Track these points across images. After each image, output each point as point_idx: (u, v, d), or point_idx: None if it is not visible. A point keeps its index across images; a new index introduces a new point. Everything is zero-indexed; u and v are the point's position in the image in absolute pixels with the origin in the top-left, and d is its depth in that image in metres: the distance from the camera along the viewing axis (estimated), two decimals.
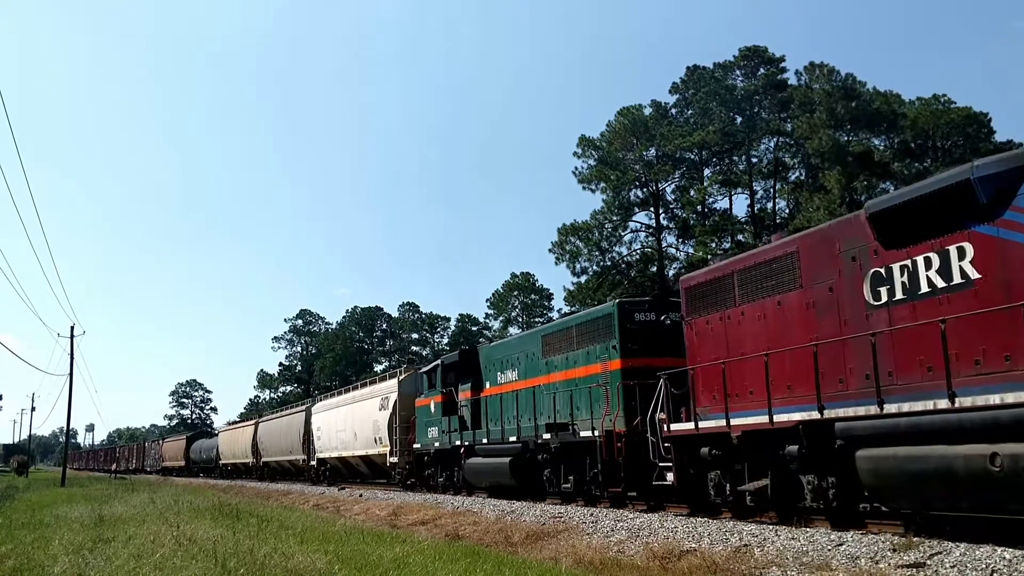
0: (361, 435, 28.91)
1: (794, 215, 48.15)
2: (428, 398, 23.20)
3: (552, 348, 17.49)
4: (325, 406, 35.10)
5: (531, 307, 77.59)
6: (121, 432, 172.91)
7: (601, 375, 15.34)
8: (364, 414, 28.85)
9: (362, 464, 30.11)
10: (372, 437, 27.84)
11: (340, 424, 31.52)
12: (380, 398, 27.66)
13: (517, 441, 17.89)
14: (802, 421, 10.13)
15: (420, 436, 23.74)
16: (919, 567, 7.17)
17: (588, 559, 9.36)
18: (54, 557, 10.21)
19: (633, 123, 54.11)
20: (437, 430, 22.34)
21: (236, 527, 13.28)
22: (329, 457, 33.03)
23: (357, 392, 31.96)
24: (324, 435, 33.51)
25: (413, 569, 8.85)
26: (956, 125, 46.10)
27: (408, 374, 26.63)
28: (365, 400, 29.49)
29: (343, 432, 31.01)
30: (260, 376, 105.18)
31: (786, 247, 11.26)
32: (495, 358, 20.38)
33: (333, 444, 32.39)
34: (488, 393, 20.16)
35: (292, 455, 38.60)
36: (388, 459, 26.29)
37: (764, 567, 8.05)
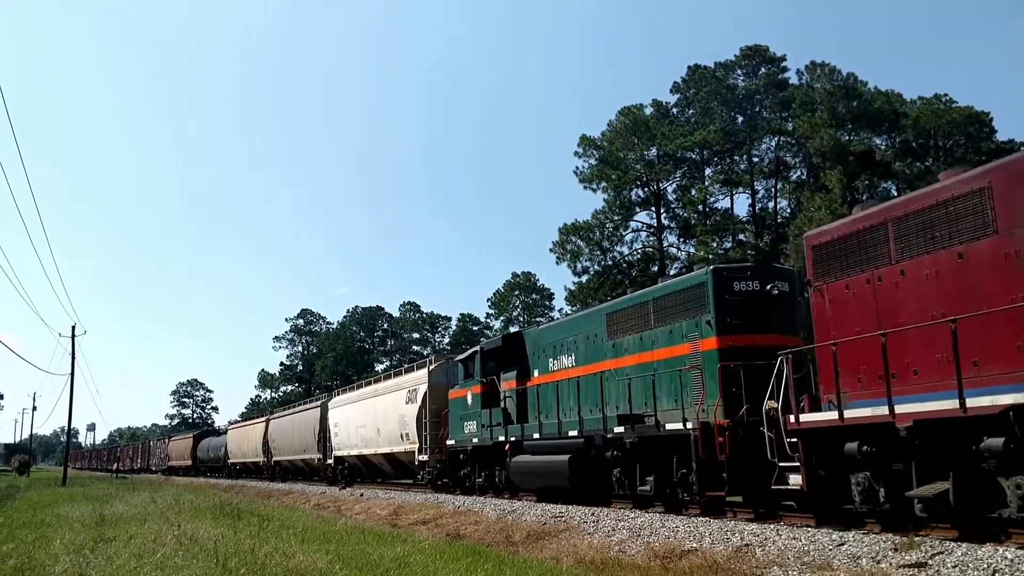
0: (385, 431, 26.62)
1: (795, 215, 48.12)
2: (464, 389, 20.86)
3: (621, 327, 15.11)
4: (343, 400, 32.76)
5: (532, 307, 77.61)
6: (122, 432, 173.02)
7: (690, 357, 13.05)
8: (388, 408, 26.57)
9: (385, 463, 27.97)
10: (398, 433, 25.48)
11: (361, 419, 29.28)
12: (407, 390, 25.13)
13: (579, 436, 15.45)
14: (1013, 405, 7.80)
15: (454, 431, 21.37)
16: (921, 567, 7.16)
17: (589, 558, 9.35)
18: (55, 556, 10.21)
19: (634, 122, 54.09)
20: (475, 424, 19.98)
21: (237, 526, 13.28)
22: (348, 455, 30.77)
23: (380, 384, 29.61)
24: (342, 432, 31.22)
25: (414, 569, 8.85)
26: (957, 124, 46.08)
27: (439, 363, 24.17)
28: (390, 393, 27.02)
29: (364, 428, 28.76)
30: (261, 376, 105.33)
31: (970, 183, 8.87)
32: (545, 343, 18.03)
33: (352, 441, 30.07)
34: (537, 382, 17.82)
35: (306, 453, 36.37)
36: (416, 457, 23.94)
37: (765, 567, 8.04)
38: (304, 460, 37.21)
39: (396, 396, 26.09)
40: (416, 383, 24.74)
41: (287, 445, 39.51)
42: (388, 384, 28.30)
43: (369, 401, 28.98)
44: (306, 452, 36.32)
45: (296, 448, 37.99)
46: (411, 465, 25.33)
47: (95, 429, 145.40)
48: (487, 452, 19.61)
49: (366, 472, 30.86)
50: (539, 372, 18.03)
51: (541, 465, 16.67)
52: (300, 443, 37.24)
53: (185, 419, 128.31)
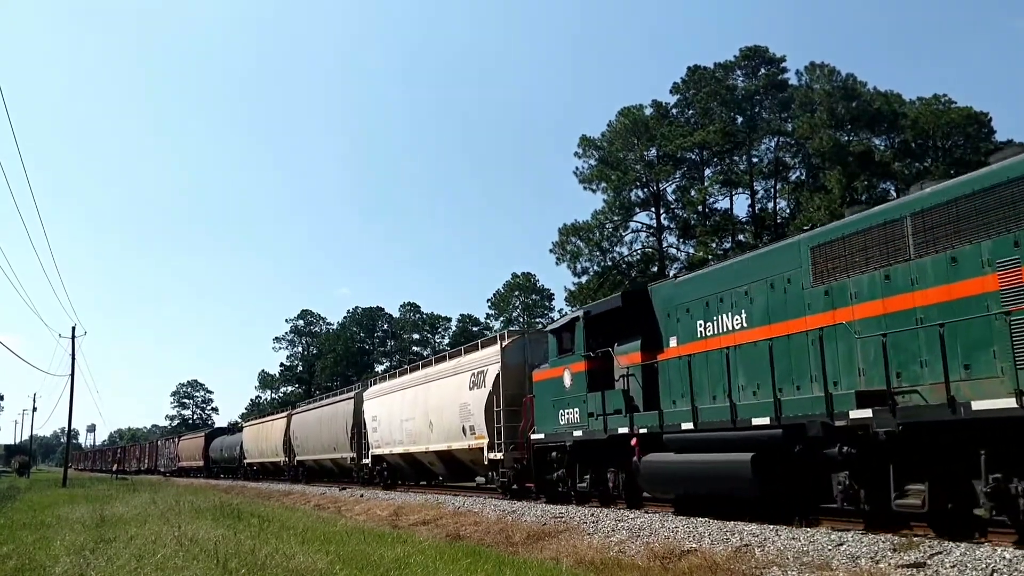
0: (441, 424, 21.98)
1: (795, 215, 48.19)
2: (558, 368, 16.21)
3: (842, 264, 10.51)
4: (384, 389, 27.80)
5: (532, 307, 77.68)
6: (123, 432, 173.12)
7: (1000, 295, 8.42)
8: (446, 396, 21.89)
9: (438, 463, 23.21)
10: (458, 426, 20.85)
11: (407, 411, 24.59)
12: (471, 373, 20.46)
13: (773, 424, 10.85)
14: None
15: (542, 422, 16.79)
16: (919, 567, 7.18)
17: (589, 559, 9.37)
18: (55, 557, 10.23)
19: (634, 123, 54.18)
20: (576, 413, 15.41)
21: (237, 527, 13.31)
22: (390, 454, 26.20)
23: (433, 368, 24.46)
24: (382, 426, 26.59)
25: (414, 569, 8.86)
26: (957, 125, 46.18)
27: (514, 339, 19.70)
28: (447, 377, 22.39)
29: (411, 421, 24.07)
30: (261, 376, 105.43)
31: None
32: (687, 299, 13.24)
33: (395, 437, 25.41)
34: (677, 353, 13.12)
35: (337, 452, 31.78)
36: (485, 455, 19.40)
37: (765, 567, 8.05)
38: (334, 460, 32.77)
39: (456, 381, 21.47)
40: (484, 363, 19.94)
41: (313, 443, 35.03)
42: (445, 367, 23.23)
43: (418, 389, 24.24)
44: (336, 451, 31.87)
45: (324, 446, 33.47)
46: (475, 465, 20.97)
47: (95, 430, 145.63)
48: (596, 449, 14.93)
49: (412, 473, 26.36)
50: (679, 339, 13.27)
51: (700, 466, 12.10)
52: (329, 440, 32.70)
53: (185, 420, 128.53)
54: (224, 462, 52.50)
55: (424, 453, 23.46)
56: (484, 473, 20.36)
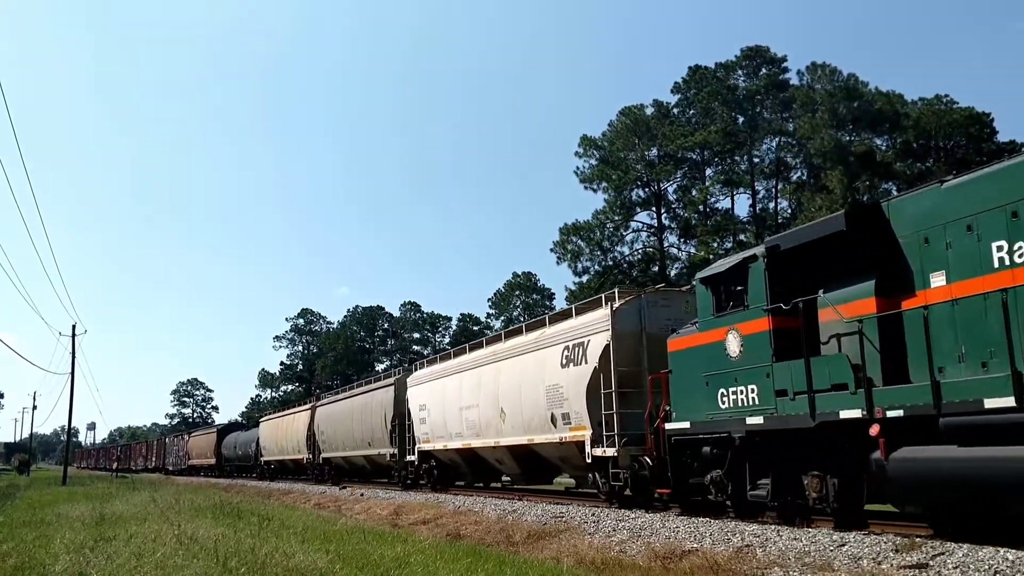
0: (518, 412, 17.78)
1: (796, 215, 48.15)
2: (717, 330, 11.77)
3: None
4: (434, 373, 23.58)
5: (532, 307, 77.67)
6: (123, 431, 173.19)
7: None
8: (524, 377, 17.67)
9: (510, 460, 19.05)
10: (544, 415, 16.56)
11: (468, 396, 20.52)
12: (563, 347, 16.09)
13: None
14: None
15: (686, 406, 12.44)
16: (922, 568, 7.16)
17: (590, 559, 9.35)
18: (55, 556, 10.21)
19: (635, 123, 54.20)
20: (751, 391, 11.04)
21: (237, 526, 13.29)
22: (442, 450, 22.20)
23: (505, 344, 19.49)
24: (433, 416, 22.59)
25: (414, 568, 8.84)
26: (958, 125, 46.14)
27: (628, 299, 14.94)
28: (526, 353, 17.92)
29: (474, 409, 20.06)
30: (261, 375, 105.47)
31: None
32: (970, 211, 8.67)
33: (451, 429, 21.31)
34: (949, 294, 8.84)
35: (372, 448, 27.59)
36: (587, 451, 14.95)
37: (766, 567, 8.03)
38: (368, 457, 28.62)
39: (541, 358, 17.06)
40: (586, 332, 15.50)
41: (343, 438, 30.92)
42: (522, 341, 18.57)
43: (484, 370, 19.88)
44: (372, 446, 27.77)
45: (356, 441, 29.35)
46: (565, 464, 17.18)
47: (95, 428, 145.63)
48: (785, 443, 10.57)
49: (470, 473, 22.38)
50: (951, 274, 8.89)
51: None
52: (362, 434, 28.55)
53: (185, 419, 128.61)
54: (238, 460, 49.27)
55: (491, 448, 19.19)
56: (580, 474, 16.38)
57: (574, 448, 15.68)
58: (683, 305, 14.46)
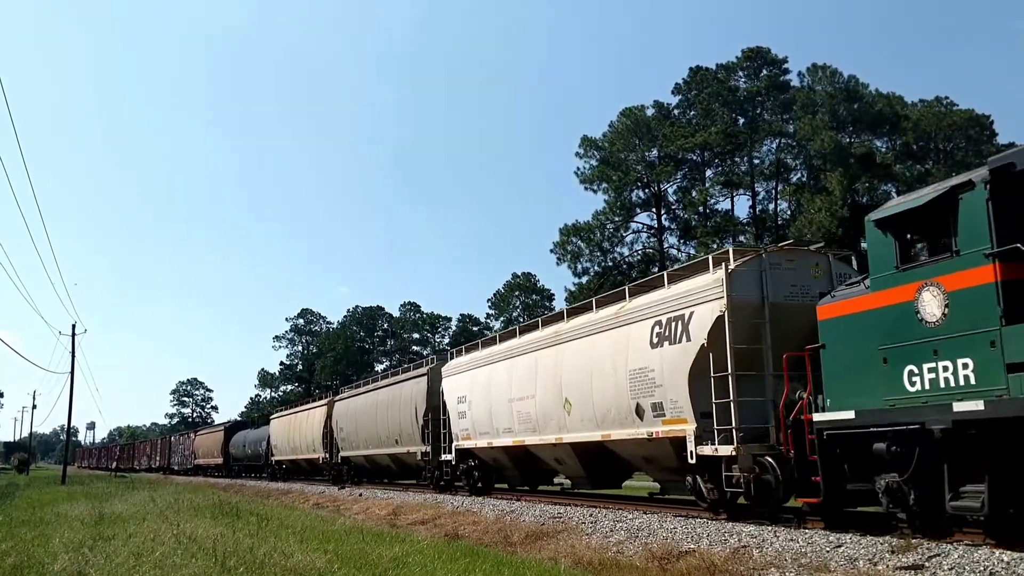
0: (589, 402, 14.80)
1: (796, 217, 48.19)
2: (902, 287, 8.96)
3: None
4: (476, 360, 20.33)
5: (532, 307, 77.68)
6: (122, 430, 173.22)
7: None
8: (598, 359, 14.62)
9: (572, 459, 16.16)
10: (627, 404, 13.57)
11: (520, 386, 17.46)
12: (654, 321, 13.11)
13: None
14: None
15: (847, 390, 9.65)
16: (917, 569, 7.18)
17: (587, 559, 9.37)
18: (54, 555, 10.22)
19: (635, 124, 54.23)
20: (960, 368, 8.28)
21: (236, 526, 13.30)
22: (486, 448, 19.14)
23: (570, 322, 16.47)
24: (475, 410, 19.66)
25: (412, 568, 8.86)
26: (958, 127, 46.21)
27: (746, 259, 12.11)
28: (602, 331, 14.72)
29: (528, 401, 17.05)
30: (261, 375, 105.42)
31: None
32: None
33: (499, 424, 18.41)
34: None
35: (401, 446, 24.80)
36: (691, 448, 11.99)
37: (763, 568, 8.06)
38: (395, 456, 25.81)
39: (622, 336, 14.02)
40: (688, 302, 12.51)
41: (365, 435, 28.47)
42: (593, 319, 15.39)
43: (542, 354, 16.91)
44: (400, 443, 24.97)
45: (381, 438, 26.74)
46: (652, 465, 14.08)
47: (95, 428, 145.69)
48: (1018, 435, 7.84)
49: (518, 475, 19.59)
50: None
51: None
52: (388, 431, 25.99)
53: (185, 418, 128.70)
54: (247, 460, 47.11)
55: (549, 447, 16.37)
56: (671, 478, 13.49)
57: (667, 446, 12.77)
58: (811, 268, 12.04)
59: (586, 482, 16.69)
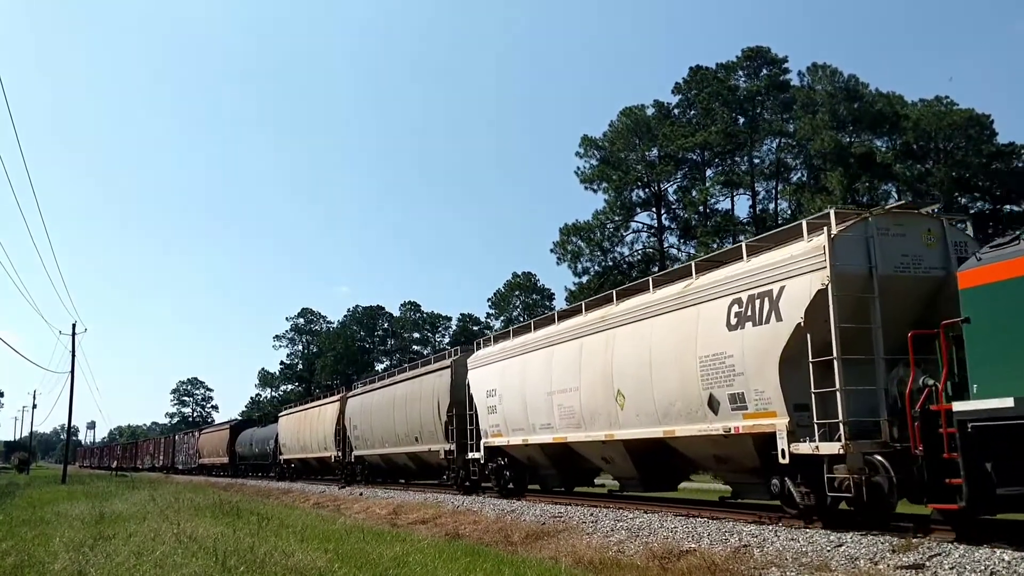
0: (644, 393, 12.99)
1: (796, 216, 48.17)
2: None
3: None
4: (507, 350, 18.45)
5: (532, 307, 77.69)
6: (122, 430, 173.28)
7: None
8: (659, 345, 12.73)
9: (622, 457, 14.27)
10: (696, 395, 11.82)
11: (560, 377, 15.62)
12: (735, 298, 11.27)
13: None
14: None
15: (1002, 373, 7.74)
16: (918, 568, 7.18)
17: (588, 559, 9.37)
18: (55, 554, 10.22)
19: (635, 123, 54.23)
20: None
21: (236, 525, 13.30)
22: (519, 445, 17.42)
23: (619, 306, 14.32)
24: (507, 404, 17.85)
25: (413, 568, 8.86)
26: (958, 127, 46.17)
27: (851, 224, 10.14)
28: (663, 312, 12.77)
29: (570, 393, 15.16)
30: (261, 375, 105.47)
31: None
32: None
33: (536, 419, 16.52)
34: None
35: (421, 444, 23.12)
36: (784, 446, 10.24)
37: (763, 567, 8.05)
38: (414, 455, 24.27)
39: (692, 317, 12.06)
40: (776, 275, 10.66)
41: (380, 432, 26.87)
42: (650, 300, 13.28)
43: (587, 340, 14.88)
44: (420, 441, 23.24)
45: (398, 436, 25.05)
46: (726, 465, 12.31)
47: (95, 427, 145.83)
48: None
49: (556, 475, 17.87)
50: None
51: None
52: (408, 428, 24.22)
53: (185, 417, 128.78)
54: (254, 458, 45.59)
55: (597, 444, 14.60)
56: (749, 480, 11.84)
57: (748, 443, 11.06)
58: (923, 235, 10.34)
59: (638, 483, 14.73)
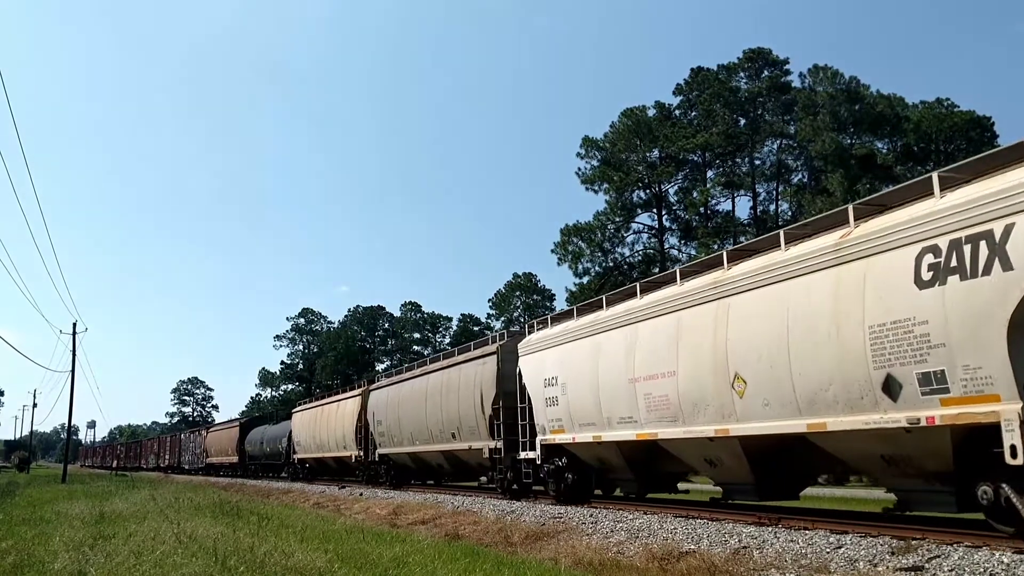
0: (774, 376, 10.24)
1: (796, 218, 48.17)
2: None
3: None
4: (573, 330, 15.53)
5: (533, 307, 77.68)
6: (123, 429, 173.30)
7: None
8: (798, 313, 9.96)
9: (733, 457, 11.60)
10: (858, 379, 8.99)
11: (647, 360, 12.78)
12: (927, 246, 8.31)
13: None
14: None
15: None
16: (917, 570, 7.17)
17: (587, 560, 9.36)
18: (54, 553, 10.23)
19: (637, 124, 54.24)
20: None
21: (236, 525, 13.31)
22: (591, 443, 14.58)
23: (731, 271, 11.49)
24: (573, 394, 15.13)
25: (412, 568, 8.86)
26: (959, 128, 46.20)
27: None
28: (803, 272, 10.03)
29: (662, 380, 12.39)
30: (262, 374, 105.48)
31: None
32: None
33: (613, 412, 13.69)
34: None
35: (459, 441, 20.56)
36: (1015, 441, 7.31)
37: (763, 569, 8.05)
38: (449, 453, 21.72)
39: (853, 275, 9.24)
40: (992, 212, 7.63)
41: (409, 428, 24.17)
42: (780, 260, 10.56)
43: (689, 314, 12.01)
44: (458, 439, 20.69)
45: (431, 433, 22.46)
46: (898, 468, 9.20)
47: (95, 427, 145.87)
48: None
49: (634, 479, 14.66)
50: None
51: None
52: (442, 424, 21.66)
53: (185, 417, 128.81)
54: (265, 458, 43.12)
55: (702, 442, 11.89)
56: (941, 485, 8.79)
57: (944, 439, 8.34)
58: None
59: (752, 491, 11.78)
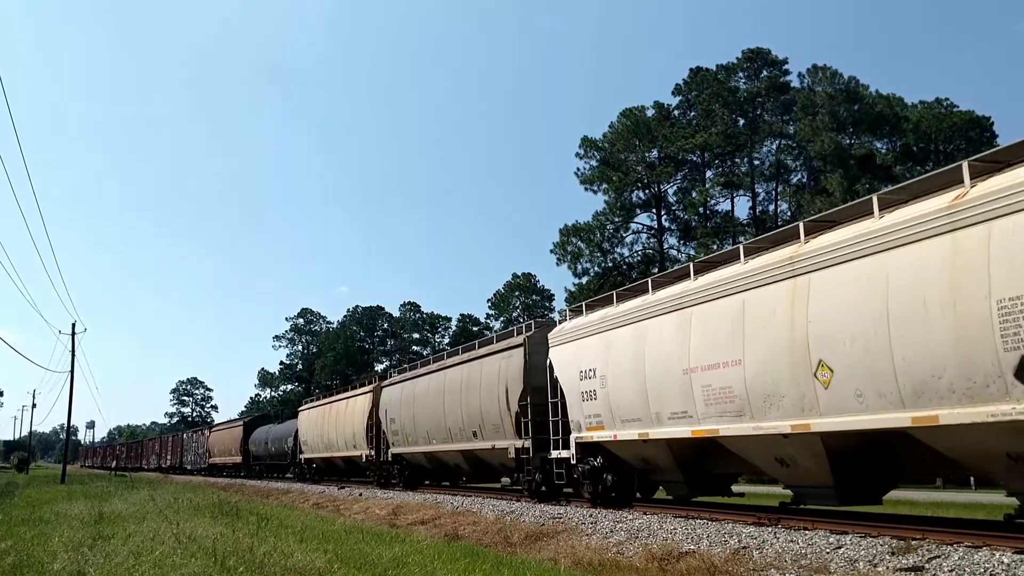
0: (869, 364, 8.70)
1: (796, 218, 48.16)
2: None
3: None
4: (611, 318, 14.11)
5: (532, 308, 77.64)
6: (122, 429, 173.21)
7: None
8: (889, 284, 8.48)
9: (810, 455, 10.08)
10: (987, 361, 7.42)
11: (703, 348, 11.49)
12: None
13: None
14: None
15: None
16: (917, 571, 7.17)
17: (587, 560, 9.36)
18: (53, 554, 10.22)
19: (636, 124, 54.23)
20: None
21: (236, 525, 13.30)
22: (633, 441, 13.31)
23: (810, 245, 9.92)
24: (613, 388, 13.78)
25: (412, 569, 8.86)
26: (958, 128, 46.19)
27: None
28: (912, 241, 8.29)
29: (723, 370, 11.00)
30: (261, 375, 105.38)
31: None
32: None
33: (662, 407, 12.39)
34: None
35: (479, 440, 19.32)
36: None
37: (763, 569, 8.04)
38: (470, 453, 20.50)
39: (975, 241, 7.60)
40: None
41: (424, 427, 22.83)
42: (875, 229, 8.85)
43: (759, 295, 10.56)
44: (479, 438, 19.33)
45: (448, 431, 21.17)
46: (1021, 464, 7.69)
47: (95, 427, 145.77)
48: None
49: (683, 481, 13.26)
50: None
51: None
52: (461, 421, 20.31)
53: (185, 417, 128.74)
54: (270, 458, 41.97)
55: (775, 439, 10.38)
56: None
57: None
58: None
59: (831, 495, 10.19)
